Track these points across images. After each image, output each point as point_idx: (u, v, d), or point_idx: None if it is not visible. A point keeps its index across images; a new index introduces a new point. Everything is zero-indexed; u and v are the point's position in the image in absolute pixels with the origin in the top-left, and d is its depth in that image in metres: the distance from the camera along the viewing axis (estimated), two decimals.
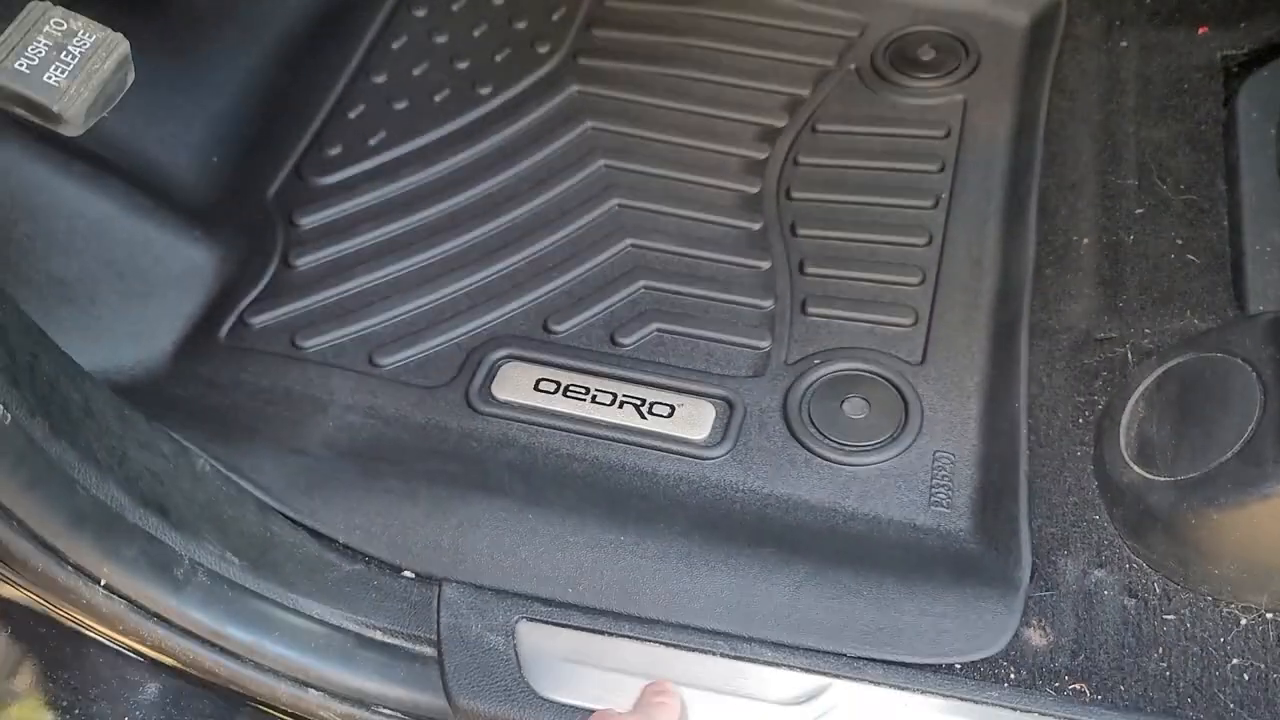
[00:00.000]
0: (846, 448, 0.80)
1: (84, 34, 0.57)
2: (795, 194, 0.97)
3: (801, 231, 0.94)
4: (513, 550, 0.74)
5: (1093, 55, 1.01)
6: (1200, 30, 0.98)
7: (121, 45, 0.58)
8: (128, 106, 0.99)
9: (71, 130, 0.56)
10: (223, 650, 0.66)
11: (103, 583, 0.61)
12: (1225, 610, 0.67)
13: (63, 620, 0.65)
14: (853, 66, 1.06)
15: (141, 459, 0.67)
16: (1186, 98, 0.95)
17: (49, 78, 0.55)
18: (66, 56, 0.56)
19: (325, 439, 0.82)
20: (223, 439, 0.79)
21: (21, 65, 0.55)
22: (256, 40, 1.09)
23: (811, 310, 0.88)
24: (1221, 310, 0.80)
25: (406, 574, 0.74)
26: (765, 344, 0.87)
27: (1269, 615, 0.66)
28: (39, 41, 0.56)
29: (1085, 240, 0.88)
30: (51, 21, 0.57)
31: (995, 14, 1.08)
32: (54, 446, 0.59)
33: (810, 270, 0.91)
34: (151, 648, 0.65)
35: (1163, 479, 0.68)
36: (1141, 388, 0.74)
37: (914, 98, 1.03)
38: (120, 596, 0.62)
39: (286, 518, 0.76)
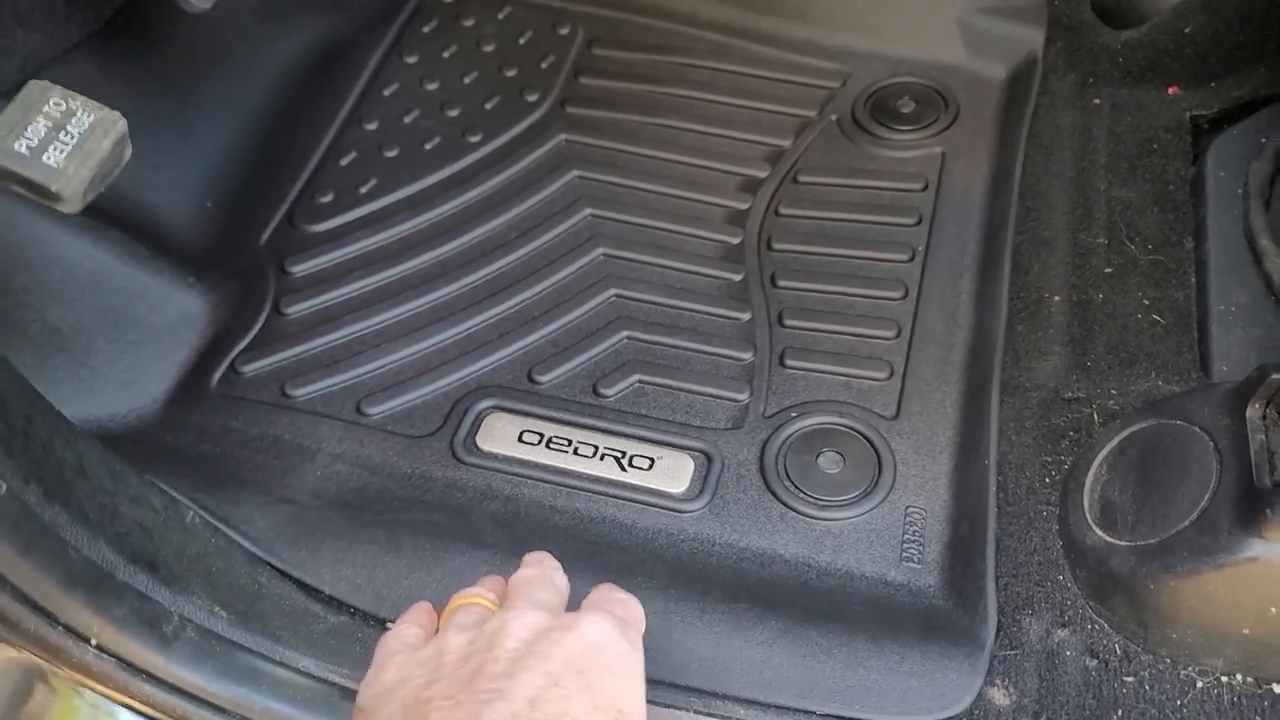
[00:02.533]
0: (821, 502, 0.82)
1: (83, 114, 0.59)
2: (776, 245, 0.99)
3: (781, 283, 0.96)
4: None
5: (1067, 112, 1.04)
6: (1170, 90, 1.01)
7: (119, 124, 0.60)
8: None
9: (69, 208, 0.58)
10: (211, 705, 0.67)
11: (93, 642, 0.63)
12: (1183, 673, 0.69)
13: (57, 675, 0.67)
14: (834, 117, 1.09)
15: (132, 514, 0.69)
16: (1156, 157, 0.97)
17: (48, 158, 0.57)
18: (65, 136, 0.58)
19: (313, 488, 0.84)
20: (212, 488, 0.81)
21: (21, 146, 0.57)
22: (252, 85, 1.11)
23: (790, 363, 0.91)
24: (1185, 372, 0.82)
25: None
26: (744, 396, 0.89)
27: (1224, 679, 0.68)
28: (38, 121, 0.58)
29: (1056, 298, 0.90)
30: (51, 101, 0.59)
31: (974, 68, 1.11)
32: (47, 511, 0.61)
33: (789, 322, 0.93)
34: (141, 703, 0.66)
35: (1123, 543, 0.71)
36: (1105, 451, 0.76)
37: (893, 149, 1.06)
38: (110, 655, 0.63)
39: (274, 568, 0.77)
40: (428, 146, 1.07)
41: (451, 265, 0.98)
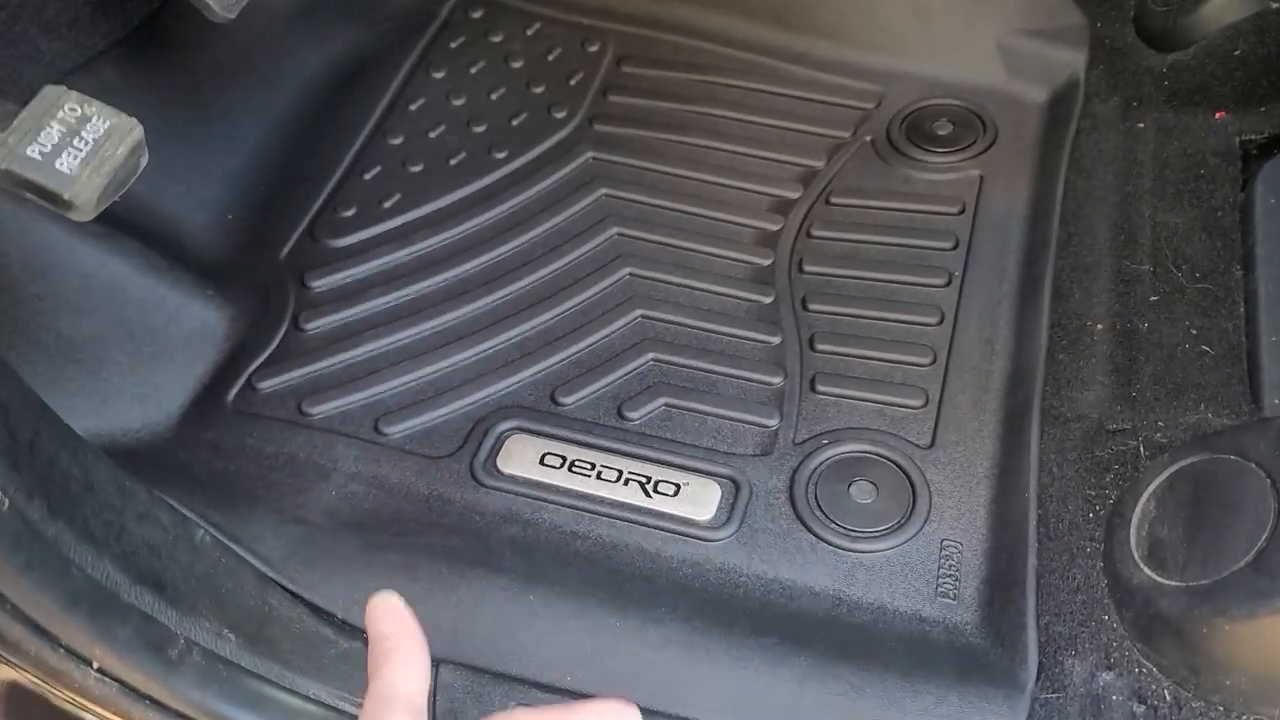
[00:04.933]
0: (853, 533, 0.79)
1: (98, 120, 0.57)
2: (808, 268, 0.96)
3: (813, 306, 0.93)
4: (512, 633, 0.73)
5: (1110, 136, 1.01)
6: (1218, 114, 0.98)
7: (136, 131, 0.58)
8: (149, 163, 1.01)
9: (82, 216, 0.56)
10: None
11: (95, 665, 0.60)
12: None
13: (58, 700, 0.64)
14: (868, 139, 1.06)
15: (140, 533, 0.67)
16: (1203, 182, 0.94)
17: (61, 164, 0.55)
18: (79, 143, 0.56)
19: (328, 508, 0.81)
20: (224, 506, 0.79)
21: (34, 152, 0.55)
22: (276, 96, 1.10)
23: (821, 388, 0.88)
24: (1236, 405, 0.79)
25: None
26: (774, 422, 0.86)
27: None
28: (52, 127, 0.56)
29: (1099, 326, 0.87)
30: (66, 107, 0.57)
31: (1013, 90, 1.08)
32: (51, 527, 0.58)
33: (820, 347, 0.91)
34: None
35: (1173, 583, 0.67)
36: (1153, 486, 0.73)
37: (929, 172, 1.03)
38: (112, 679, 0.61)
39: (285, 590, 0.75)
40: (453, 162, 1.05)
41: (474, 283, 0.96)
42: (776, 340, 0.91)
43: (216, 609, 0.69)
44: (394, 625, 0.57)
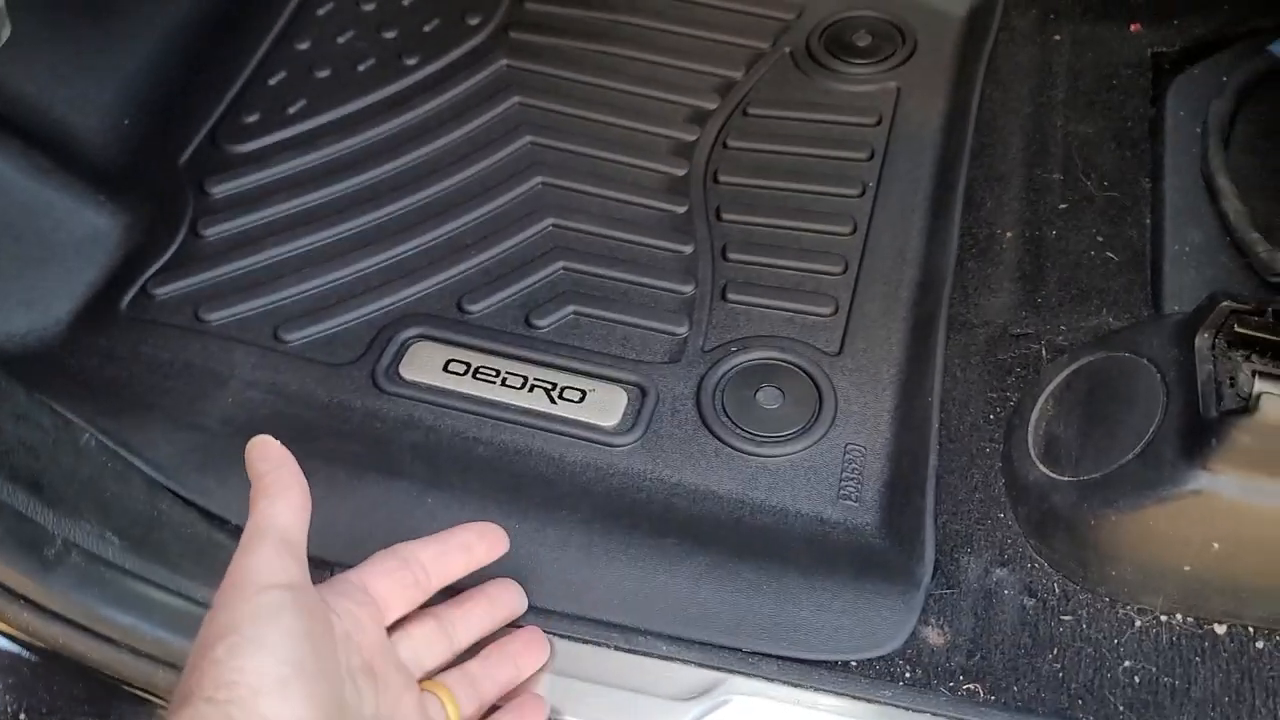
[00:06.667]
0: (758, 438, 0.79)
1: None
2: (723, 178, 0.95)
3: (726, 216, 0.92)
4: (409, 535, 0.71)
5: (1026, 47, 1.00)
6: (1132, 26, 0.98)
7: None
8: (35, 63, 0.96)
9: None
10: (96, 634, 0.63)
11: None
12: (1121, 611, 0.67)
13: None
14: (787, 50, 1.05)
15: (16, 432, 0.65)
16: (1116, 94, 0.94)
17: None
18: None
19: (224, 415, 0.79)
20: (115, 413, 0.76)
21: None
22: None
23: (731, 297, 0.87)
24: (1137, 310, 0.79)
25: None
26: (683, 330, 0.85)
27: (1163, 618, 0.66)
28: None
29: (1008, 234, 0.87)
30: None
31: (933, 2, 1.07)
32: None
33: (733, 256, 0.90)
34: (19, 630, 0.62)
35: (1066, 479, 0.68)
36: (1051, 386, 0.73)
37: (847, 84, 1.02)
38: None
39: (177, 496, 0.73)
40: (361, 68, 1.02)
41: (381, 190, 0.93)
42: (689, 249, 0.90)
43: (100, 512, 0.67)
44: (271, 463, 0.58)
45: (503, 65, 1.03)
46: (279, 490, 0.57)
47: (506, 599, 0.67)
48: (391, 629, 0.61)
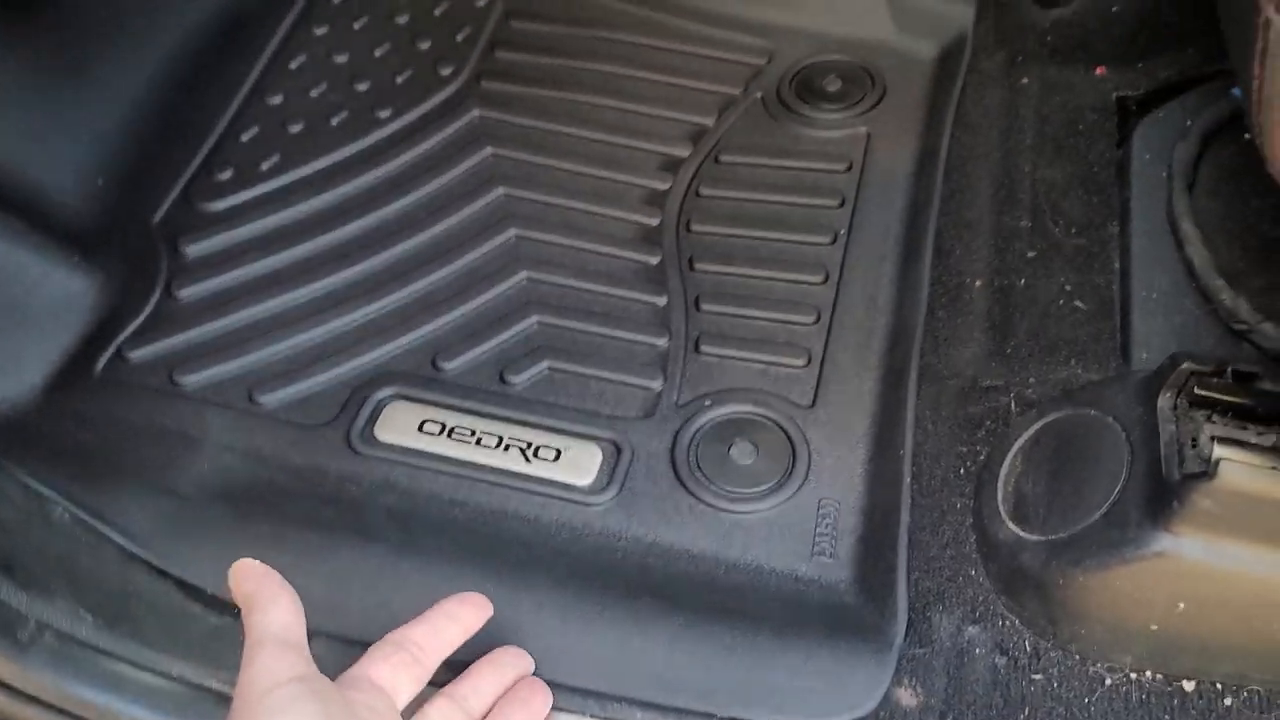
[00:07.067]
0: (732, 494, 0.79)
1: None
2: (695, 227, 0.96)
3: (699, 266, 0.93)
4: (384, 603, 0.72)
5: (995, 91, 1.01)
6: (1097, 70, 0.99)
7: None
8: (7, 123, 0.96)
9: None
10: (72, 716, 0.63)
11: None
12: (1092, 670, 0.67)
13: None
14: (758, 95, 1.05)
15: None
16: (1082, 138, 0.95)
17: None
18: None
19: (198, 481, 0.79)
20: (88, 480, 0.76)
21: None
22: (149, 56, 1.05)
23: (705, 349, 0.87)
24: (1105, 360, 0.80)
25: None
26: (657, 384, 0.86)
27: (1133, 675, 0.67)
28: None
29: (978, 282, 0.88)
30: None
31: (902, 45, 1.08)
32: None
33: (706, 307, 0.90)
34: None
35: (1035, 537, 0.68)
36: (1020, 442, 0.74)
37: (818, 129, 1.02)
38: None
39: (150, 566, 0.73)
40: (334, 122, 1.02)
41: (355, 246, 0.94)
42: (662, 301, 0.91)
43: (73, 589, 0.67)
44: (254, 582, 0.59)
45: (475, 115, 1.03)
46: (267, 600, 0.58)
47: (511, 661, 0.67)
48: (406, 715, 0.62)
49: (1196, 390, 0.63)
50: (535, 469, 0.81)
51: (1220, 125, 0.92)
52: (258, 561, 0.61)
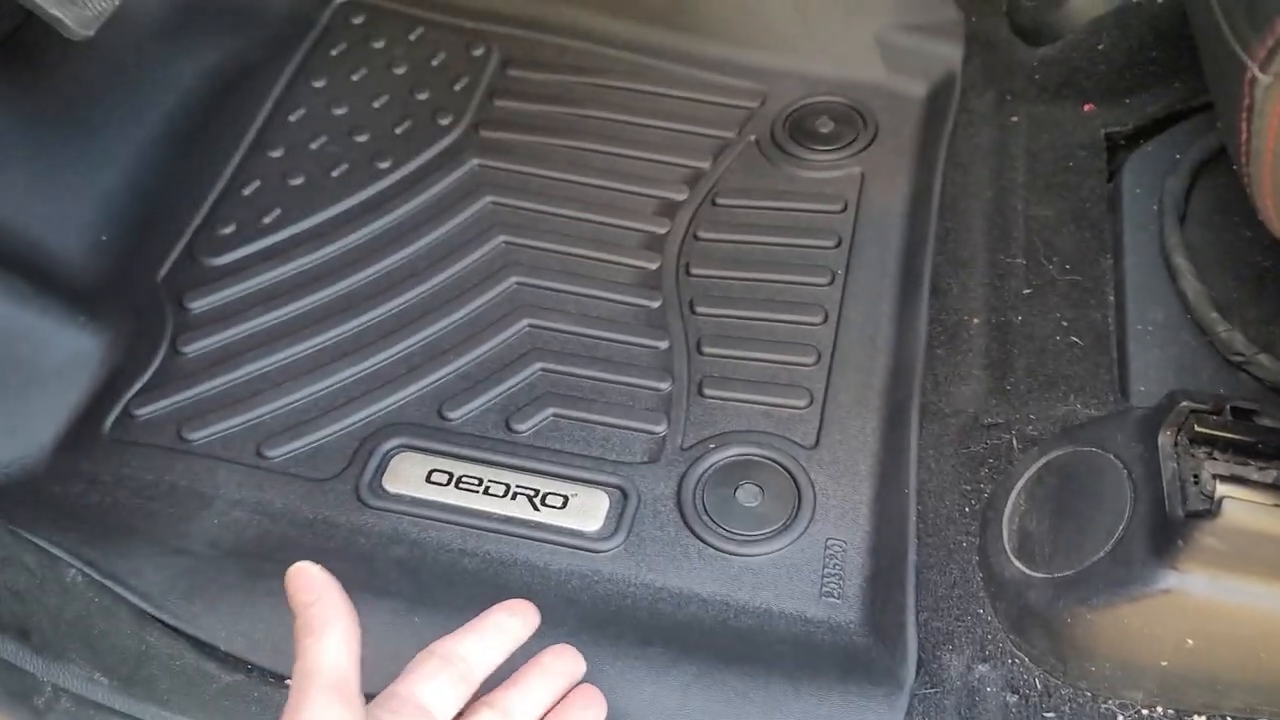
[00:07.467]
0: (739, 537, 0.80)
1: None
2: (694, 270, 0.97)
3: (700, 309, 0.94)
4: (396, 656, 0.72)
5: (985, 129, 1.03)
6: (1086, 107, 1.00)
7: None
8: (11, 182, 0.97)
9: None
10: None
11: None
12: (1104, 706, 0.68)
13: None
14: (753, 138, 1.07)
15: (1, 578, 0.65)
16: (1073, 175, 0.96)
17: None
18: None
19: (209, 537, 0.80)
20: (100, 541, 0.77)
21: None
22: (150, 110, 1.07)
23: (708, 392, 0.88)
24: (1103, 394, 0.81)
25: (289, 683, 0.72)
26: (661, 428, 0.86)
27: (1144, 711, 0.67)
28: None
29: (975, 320, 0.89)
30: None
31: (893, 85, 1.10)
32: None
33: (708, 350, 0.91)
34: None
35: (1040, 575, 0.69)
36: (1023, 480, 0.74)
37: (812, 170, 1.04)
38: None
39: (165, 625, 0.73)
40: (335, 174, 1.04)
41: (358, 298, 0.95)
42: (664, 345, 0.92)
43: (88, 652, 0.67)
44: (313, 594, 0.55)
45: (474, 164, 1.04)
46: (323, 624, 0.54)
47: (561, 666, 0.65)
48: None
49: (1196, 428, 0.64)
50: (543, 516, 0.81)
51: (1209, 158, 0.94)
52: (319, 568, 0.56)
